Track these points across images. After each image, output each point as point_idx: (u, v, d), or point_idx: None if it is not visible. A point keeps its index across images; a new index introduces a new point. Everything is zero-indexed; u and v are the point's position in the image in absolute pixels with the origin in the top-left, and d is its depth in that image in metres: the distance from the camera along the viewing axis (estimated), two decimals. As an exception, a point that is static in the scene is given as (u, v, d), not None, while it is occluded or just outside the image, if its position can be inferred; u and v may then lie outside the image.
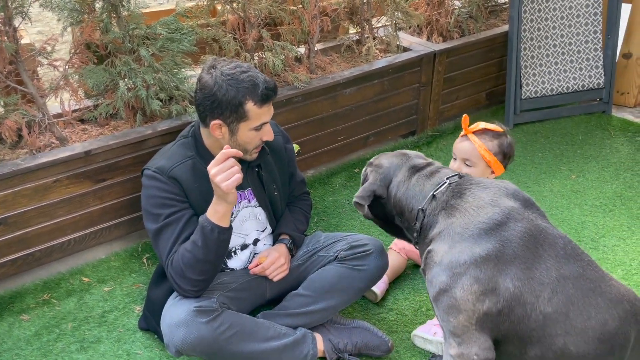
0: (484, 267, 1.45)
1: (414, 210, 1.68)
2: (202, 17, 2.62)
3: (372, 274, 1.98)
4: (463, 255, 1.48)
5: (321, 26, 2.87)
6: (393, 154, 1.85)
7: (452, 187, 1.63)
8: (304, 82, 2.73)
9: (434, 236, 1.59)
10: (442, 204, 1.61)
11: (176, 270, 1.75)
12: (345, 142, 3.07)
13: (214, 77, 1.75)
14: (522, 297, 1.44)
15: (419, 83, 3.21)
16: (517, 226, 1.49)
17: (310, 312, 1.97)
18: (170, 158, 1.87)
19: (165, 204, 1.81)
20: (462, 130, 2.08)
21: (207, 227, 1.71)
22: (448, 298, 1.48)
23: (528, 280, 1.45)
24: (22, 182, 2.13)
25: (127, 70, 2.27)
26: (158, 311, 1.99)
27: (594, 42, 3.56)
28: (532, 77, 3.51)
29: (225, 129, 1.81)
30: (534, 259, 1.46)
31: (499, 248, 1.47)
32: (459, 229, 1.53)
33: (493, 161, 2.03)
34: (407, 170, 1.74)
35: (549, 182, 2.98)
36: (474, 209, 1.54)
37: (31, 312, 2.20)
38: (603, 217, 2.69)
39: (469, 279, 1.46)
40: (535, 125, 3.55)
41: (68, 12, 2.28)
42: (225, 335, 1.74)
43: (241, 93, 1.74)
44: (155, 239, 1.83)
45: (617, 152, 3.24)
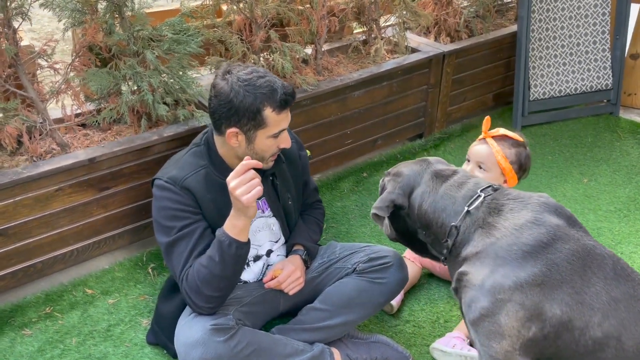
0: (530, 293, 1.38)
1: (444, 225, 1.58)
2: (207, 18, 2.53)
3: (392, 287, 1.91)
4: (507, 280, 1.40)
5: (328, 26, 2.79)
6: (412, 162, 1.74)
7: (488, 201, 1.53)
8: (312, 84, 2.65)
9: (469, 256, 1.50)
10: (478, 220, 1.51)
11: (191, 286, 1.67)
12: (353, 145, 2.99)
13: (230, 83, 1.67)
14: (571, 323, 1.37)
15: (428, 85, 3.14)
16: (564, 248, 1.41)
17: (327, 327, 1.90)
18: (182, 168, 1.79)
19: (178, 216, 1.73)
20: (482, 134, 2.02)
21: (225, 242, 1.63)
22: (490, 324, 1.41)
23: (577, 306, 1.37)
24: (23, 191, 2.04)
25: (133, 74, 2.18)
26: (168, 326, 1.91)
27: (602, 43, 3.51)
28: (540, 78, 3.46)
29: (242, 137, 1.72)
30: (582, 283, 1.39)
31: (546, 272, 1.39)
32: (500, 251, 1.43)
33: (508, 169, 1.96)
34: (431, 178, 1.63)
35: (561, 186, 2.93)
36: (516, 229, 1.45)
37: (33, 326, 2.11)
38: (619, 223, 2.64)
39: (514, 306, 1.38)
40: (543, 127, 3.50)
41: (69, 13, 2.18)
42: (243, 353, 1.67)
43: (259, 99, 1.66)
44: (168, 253, 1.74)
45: (628, 154, 3.20)
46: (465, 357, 1.90)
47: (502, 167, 1.93)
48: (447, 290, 2.28)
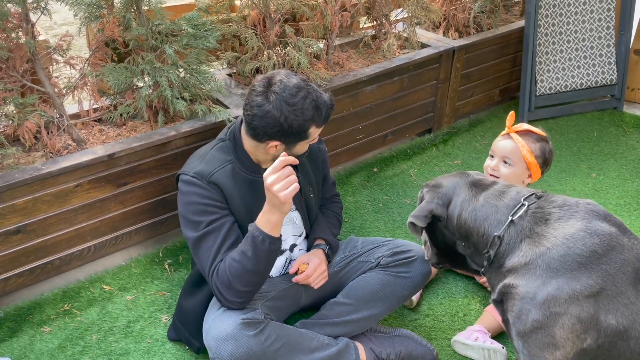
0: (586, 306, 1.36)
1: (486, 235, 1.54)
2: (222, 13, 2.52)
3: (416, 281, 1.92)
4: (562, 292, 1.38)
5: (341, 21, 2.78)
6: (451, 174, 1.73)
7: (533, 210, 1.50)
8: (325, 79, 2.64)
9: (517, 267, 1.46)
10: (524, 230, 1.48)
11: (222, 280, 1.67)
12: (364, 140, 3.00)
13: (277, 107, 1.65)
14: (627, 333, 1.37)
15: (437, 80, 3.15)
16: (619, 258, 1.39)
17: (351, 321, 1.91)
18: (209, 162, 1.78)
19: (206, 211, 1.72)
20: (505, 129, 2.03)
21: (259, 237, 1.63)
22: (544, 336, 1.39)
23: (632, 316, 1.37)
24: (42, 187, 2.02)
25: (151, 69, 2.16)
26: (191, 322, 1.91)
27: (606, 38, 3.54)
28: (547, 73, 3.48)
29: (282, 147, 1.75)
30: (637, 293, 1.38)
31: (601, 284, 1.37)
32: (553, 262, 1.40)
33: (533, 164, 1.99)
34: (469, 187, 1.61)
35: (571, 180, 2.95)
36: (567, 238, 1.42)
37: (52, 323, 2.09)
38: (629, 217, 2.67)
39: (570, 319, 1.36)
40: (549, 122, 3.52)
41: (85, 7, 2.16)
42: (273, 347, 1.67)
43: (307, 122, 1.69)
44: (196, 248, 1.74)
45: (634, 149, 3.23)
46: (488, 349, 1.92)
47: (528, 161, 1.94)
48: (464, 284, 2.29)
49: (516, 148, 1.97)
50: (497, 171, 2.03)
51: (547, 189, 2.87)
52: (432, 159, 3.15)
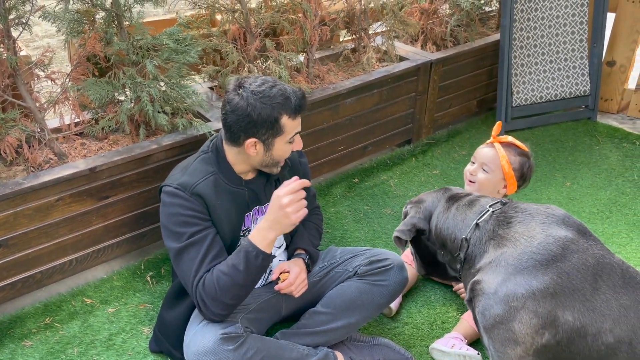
0: (543, 301, 1.44)
1: (457, 239, 1.66)
2: (203, 28, 2.56)
3: (393, 289, 1.97)
4: (519, 288, 1.46)
5: (320, 35, 2.84)
6: (434, 190, 1.86)
7: (497, 214, 1.61)
8: (306, 92, 2.69)
9: (483, 266, 1.56)
10: (488, 232, 1.59)
11: (208, 292, 1.69)
12: (345, 152, 3.05)
13: (244, 98, 1.70)
14: (584, 330, 1.43)
15: (416, 92, 3.22)
16: (574, 257, 1.48)
17: (330, 330, 1.94)
18: (192, 174, 1.80)
19: (189, 222, 1.74)
20: (490, 138, 2.10)
21: (252, 253, 1.66)
22: (505, 331, 1.46)
23: (588, 313, 1.44)
24: (24, 201, 2.03)
25: (132, 83, 2.19)
26: (172, 334, 1.93)
27: (580, 51, 3.64)
28: (522, 85, 3.57)
29: (260, 146, 1.76)
30: (592, 291, 1.45)
31: (557, 280, 1.45)
32: (512, 260, 1.50)
33: (510, 175, 2.05)
34: (446, 201, 1.73)
35: (546, 189, 3.03)
36: (526, 239, 1.52)
37: (33, 337, 2.10)
38: (601, 224, 2.75)
39: (527, 313, 1.44)
40: (526, 133, 3.61)
41: (67, 23, 2.19)
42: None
43: (276, 109, 1.70)
44: (178, 259, 1.76)
45: (607, 158, 3.32)
46: (464, 356, 1.96)
47: (505, 171, 2.01)
48: (442, 293, 2.34)
49: (496, 157, 2.04)
50: (475, 176, 2.10)
51: (523, 197, 2.95)
52: (411, 169, 3.21)
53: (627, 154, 3.35)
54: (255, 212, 1.94)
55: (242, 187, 1.86)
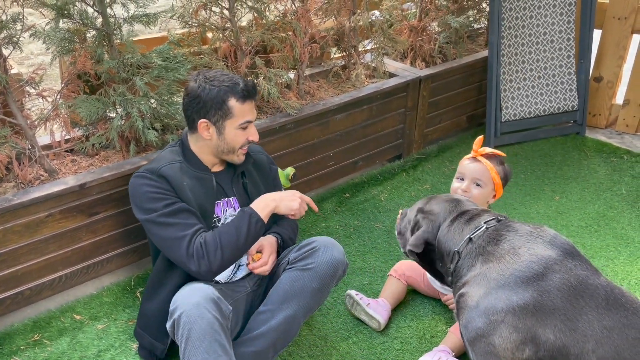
0: (522, 317, 1.46)
1: (450, 252, 1.71)
2: (194, 46, 2.59)
3: (321, 270, 1.93)
4: (499, 302, 1.49)
5: (310, 53, 2.88)
6: (444, 199, 1.87)
7: (489, 231, 1.66)
8: (296, 109, 2.72)
9: (469, 279, 1.60)
10: (478, 248, 1.63)
11: (210, 247, 1.78)
12: (336, 167, 3.07)
13: (197, 82, 1.88)
14: (565, 349, 1.44)
15: (405, 108, 3.25)
16: (555, 277, 1.49)
17: (272, 329, 1.89)
18: (157, 161, 1.95)
19: (159, 197, 1.84)
20: (472, 152, 2.12)
21: (254, 217, 1.83)
22: (486, 345, 1.49)
23: (570, 332, 1.44)
24: (13, 218, 2.04)
25: (122, 100, 2.22)
26: (153, 325, 1.97)
27: (567, 66, 3.70)
28: (511, 100, 3.62)
29: (213, 129, 1.89)
30: (574, 311, 1.46)
31: (537, 298, 1.47)
32: (495, 275, 1.54)
33: (499, 185, 2.09)
34: (453, 216, 1.77)
35: (535, 204, 3.06)
36: (510, 256, 1.56)
37: (22, 354, 2.09)
38: (590, 238, 2.77)
39: (507, 328, 1.46)
40: (515, 147, 3.65)
41: (58, 42, 2.22)
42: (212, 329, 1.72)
43: (223, 91, 1.85)
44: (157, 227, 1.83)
45: (595, 172, 3.36)
46: (452, 370, 1.97)
47: (496, 182, 2.05)
48: (431, 307, 2.35)
49: (486, 170, 2.07)
50: (469, 192, 2.11)
51: (512, 212, 2.97)
52: (402, 184, 3.23)
53: (615, 168, 3.39)
54: (225, 203, 2.00)
55: (208, 173, 1.97)
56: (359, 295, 2.26)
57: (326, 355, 2.11)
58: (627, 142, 3.73)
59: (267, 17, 2.74)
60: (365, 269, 2.57)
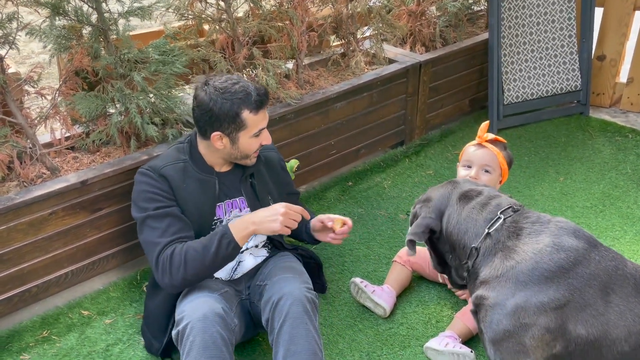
0: (554, 317, 1.43)
1: (466, 247, 1.61)
2: (190, 38, 2.58)
3: (292, 320, 1.79)
4: (530, 304, 1.44)
5: (308, 41, 2.86)
6: (440, 185, 1.79)
7: (508, 224, 1.57)
8: (295, 98, 2.71)
9: (489, 279, 1.52)
10: (498, 243, 1.54)
11: (175, 261, 1.77)
12: (337, 156, 3.06)
13: (208, 94, 1.82)
14: (597, 342, 1.42)
15: (406, 94, 3.23)
16: (585, 272, 1.45)
17: None
18: (163, 158, 1.95)
19: (153, 199, 1.86)
20: (477, 139, 2.10)
21: (226, 240, 1.76)
22: (515, 344, 1.45)
23: (602, 326, 1.42)
24: (17, 217, 2.05)
25: (121, 96, 2.22)
26: (153, 322, 1.99)
27: (569, 46, 3.66)
28: (513, 82, 3.58)
29: (226, 140, 1.87)
30: (605, 305, 1.44)
31: (568, 297, 1.43)
32: (521, 276, 1.47)
33: (506, 170, 2.07)
34: (458, 199, 1.66)
35: (539, 185, 3.04)
36: (535, 253, 1.49)
37: (31, 350, 2.11)
38: (595, 218, 2.76)
39: (539, 329, 1.43)
40: (518, 130, 3.62)
41: (54, 39, 2.22)
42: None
43: (236, 104, 1.81)
44: (141, 228, 1.88)
45: (600, 152, 3.33)
46: (458, 354, 1.97)
47: (503, 168, 2.03)
48: (437, 292, 2.35)
49: (494, 156, 2.05)
50: (479, 180, 2.10)
51: (516, 194, 2.96)
52: (405, 170, 3.22)
53: (620, 147, 3.36)
54: (228, 204, 2.00)
55: (212, 176, 1.95)
56: (364, 282, 2.26)
57: (332, 343, 2.12)
58: (632, 120, 3.69)
59: (264, 7, 2.73)
60: (370, 256, 2.57)
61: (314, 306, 1.83)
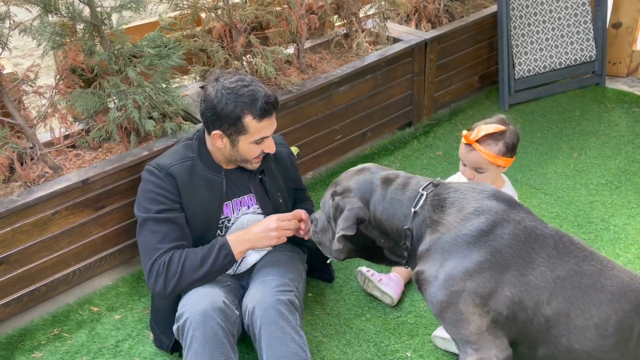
0: (480, 280, 1.44)
1: (399, 229, 1.60)
2: (187, 28, 2.54)
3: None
4: (456, 271, 1.46)
5: (308, 24, 2.79)
6: (353, 173, 1.71)
7: (430, 198, 1.57)
8: (296, 85, 2.66)
9: (422, 254, 1.55)
10: (425, 219, 1.56)
11: (171, 268, 1.76)
12: (343, 140, 3.01)
13: (215, 90, 1.77)
14: (523, 303, 1.43)
15: (412, 73, 3.15)
16: (505, 233, 1.46)
17: None
18: (171, 156, 1.91)
19: (158, 200, 1.83)
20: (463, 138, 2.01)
21: (224, 252, 1.75)
22: (454, 313, 1.47)
23: (525, 287, 1.43)
24: (20, 218, 2.06)
25: (117, 92, 2.19)
26: (162, 319, 1.99)
27: (583, 15, 3.51)
28: (524, 55, 3.47)
29: (227, 140, 1.83)
30: (526, 265, 1.44)
31: (490, 259, 1.44)
32: (446, 245, 1.49)
33: (503, 162, 1.98)
34: (381, 185, 1.63)
35: (552, 163, 2.95)
36: (458, 222, 1.50)
37: (43, 348, 2.14)
38: (610, 195, 2.67)
39: (469, 295, 1.44)
40: (531, 105, 3.51)
41: (48, 37, 2.19)
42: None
43: (239, 107, 1.75)
44: (141, 228, 1.86)
45: (616, 125, 3.22)
46: (467, 343, 1.94)
47: (497, 164, 1.94)
48: (445, 278, 2.31)
49: (482, 158, 1.96)
50: (474, 179, 2.03)
51: (528, 173, 2.88)
52: (413, 152, 3.16)
53: (637, 119, 3.24)
54: (236, 203, 1.97)
55: (220, 175, 1.91)
56: (370, 271, 2.23)
57: (340, 333, 2.11)
58: (650, 90, 3.56)
59: (261, -8, 2.66)
60: (377, 243, 2.53)
61: (292, 306, 1.78)
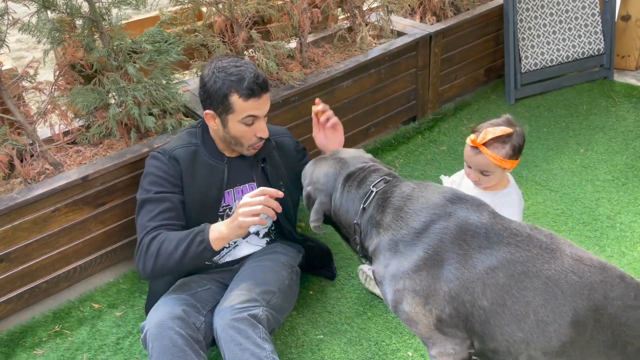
0: (418, 278, 1.44)
1: (351, 225, 1.63)
2: (187, 23, 2.51)
3: None
4: (398, 270, 1.47)
5: (311, 19, 2.76)
6: (328, 164, 1.72)
7: (378, 197, 1.57)
8: (299, 80, 2.63)
9: (372, 253, 1.57)
10: (370, 218, 1.57)
11: (151, 248, 1.77)
12: (346, 136, 2.96)
13: (209, 70, 1.81)
14: (460, 297, 1.41)
15: (416, 67, 3.11)
16: (437, 228, 1.44)
17: None
18: (175, 142, 1.94)
19: (158, 182, 1.86)
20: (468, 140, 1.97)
21: (199, 239, 1.73)
22: (401, 313, 1.49)
23: (459, 280, 1.41)
24: (20, 215, 2.05)
25: (116, 89, 2.17)
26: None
27: (591, 7, 3.45)
28: (531, 49, 3.41)
29: (218, 120, 1.85)
30: (459, 258, 1.42)
31: (425, 256, 1.44)
32: (387, 246, 1.51)
33: (509, 165, 1.94)
34: (343, 181, 1.66)
35: (558, 158, 2.91)
36: (395, 223, 1.51)
37: (44, 345, 2.15)
38: (617, 192, 2.63)
39: (409, 294, 1.45)
40: (537, 99, 3.47)
41: (47, 33, 2.17)
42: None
43: (226, 85, 1.78)
44: (138, 209, 1.87)
45: (624, 120, 3.17)
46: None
47: (504, 166, 1.90)
48: (448, 276, 2.29)
49: (489, 161, 1.92)
50: (480, 180, 2.00)
51: (534, 169, 2.84)
52: (417, 147, 3.13)
53: (646, 114, 3.19)
54: (238, 191, 1.98)
55: (222, 162, 1.93)
56: (371, 269, 2.21)
57: (341, 332, 2.09)
58: (660, 83, 3.50)
59: (262, -14, 2.63)
60: (380, 240, 2.51)
61: (254, 320, 1.75)
